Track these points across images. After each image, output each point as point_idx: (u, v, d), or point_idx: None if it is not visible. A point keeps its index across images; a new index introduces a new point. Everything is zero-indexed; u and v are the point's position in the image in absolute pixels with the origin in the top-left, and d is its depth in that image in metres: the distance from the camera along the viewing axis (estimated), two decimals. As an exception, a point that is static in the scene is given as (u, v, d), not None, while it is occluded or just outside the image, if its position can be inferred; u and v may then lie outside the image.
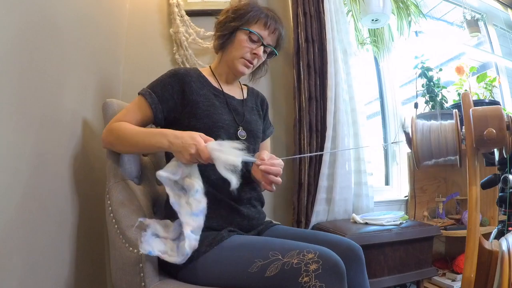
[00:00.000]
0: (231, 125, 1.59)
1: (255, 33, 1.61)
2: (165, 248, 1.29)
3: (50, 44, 1.43)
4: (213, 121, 1.53)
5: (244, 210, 1.54)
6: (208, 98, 1.59)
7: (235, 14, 1.63)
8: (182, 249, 1.24)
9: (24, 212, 1.23)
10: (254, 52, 1.63)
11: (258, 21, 1.63)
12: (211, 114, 1.54)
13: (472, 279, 1.21)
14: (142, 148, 1.47)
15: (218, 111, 1.57)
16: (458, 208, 2.99)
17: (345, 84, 2.70)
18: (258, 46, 1.64)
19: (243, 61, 1.64)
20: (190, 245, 1.24)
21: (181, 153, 1.31)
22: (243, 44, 1.62)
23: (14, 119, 1.18)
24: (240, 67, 1.66)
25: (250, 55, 1.64)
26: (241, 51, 1.63)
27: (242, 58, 1.64)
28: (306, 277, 1.10)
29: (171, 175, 1.32)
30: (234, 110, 1.66)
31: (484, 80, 2.98)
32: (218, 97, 1.64)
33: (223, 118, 1.57)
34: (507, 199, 1.51)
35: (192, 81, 1.58)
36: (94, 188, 1.80)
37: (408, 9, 3.20)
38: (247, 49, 1.63)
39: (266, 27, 1.64)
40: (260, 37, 1.63)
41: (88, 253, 1.75)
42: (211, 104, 1.57)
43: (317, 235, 1.53)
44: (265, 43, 1.65)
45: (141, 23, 2.59)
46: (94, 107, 1.83)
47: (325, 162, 2.51)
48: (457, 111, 1.34)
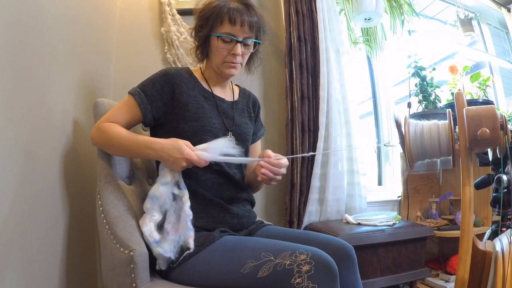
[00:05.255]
0: (219, 129, 1.57)
1: (222, 36, 1.53)
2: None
3: (39, 43, 1.41)
4: (201, 124, 1.52)
5: (234, 208, 1.54)
6: (198, 100, 1.57)
7: (201, 21, 1.57)
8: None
9: (13, 212, 1.21)
10: (232, 52, 1.55)
11: (222, 20, 1.52)
12: (199, 117, 1.52)
13: (465, 280, 1.20)
14: (130, 155, 1.53)
15: (207, 114, 1.55)
16: (451, 208, 2.99)
17: (338, 83, 2.69)
18: (233, 45, 1.55)
19: (227, 65, 1.58)
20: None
21: (172, 166, 1.37)
22: (218, 49, 1.55)
23: (3, 119, 1.16)
24: (226, 70, 1.60)
25: (230, 56, 1.57)
26: (220, 56, 1.57)
27: (225, 62, 1.58)
28: (299, 278, 1.11)
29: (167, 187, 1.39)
30: (224, 113, 1.64)
31: (477, 80, 2.98)
32: (208, 99, 1.61)
33: (211, 121, 1.55)
34: (501, 200, 1.50)
35: (182, 82, 1.56)
36: (84, 188, 1.79)
37: (401, 8, 3.20)
38: (225, 51, 1.55)
39: (233, 23, 1.52)
40: (230, 36, 1.53)
41: (79, 254, 1.73)
42: (200, 106, 1.55)
43: (309, 236, 1.53)
44: (239, 40, 1.55)
45: (132, 22, 2.57)
46: (84, 107, 1.82)
47: (317, 162, 2.50)
48: (451, 111, 1.33)
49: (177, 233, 1.33)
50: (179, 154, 1.33)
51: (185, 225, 1.33)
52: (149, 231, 1.31)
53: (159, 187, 1.37)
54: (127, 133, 1.46)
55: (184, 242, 1.31)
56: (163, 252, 1.28)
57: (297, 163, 2.47)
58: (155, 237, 1.31)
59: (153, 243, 1.29)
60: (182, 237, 1.32)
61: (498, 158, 1.35)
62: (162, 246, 1.29)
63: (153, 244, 1.29)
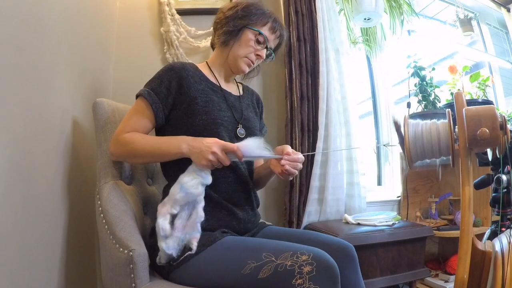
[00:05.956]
0: (230, 121, 1.57)
1: (263, 34, 1.62)
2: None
3: (39, 43, 1.41)
4: (212, 117, 1.50)
5: (240, 213, 1.52)
6: (206, 93, 1.56)
7: (244, 12, 1.62)
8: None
9: (12, 212, 1.21)
10: (258, 53, 1.63)
11: (267, 23, 1.64)
12: (209, 111, 1.51)
13: (465, 280, 1.20)
14: (157, 157, 1.49)
15: (217, 107, 1.55)
16: (451, 208, 2.99)
17: (337, 83, 2.68)
18: (262, 48, 1.65)
19: (247, 61, 1.64)
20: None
21: (199, 157, 1.33)
22: (249, 44, 1.61)
23: (2, 118, 1.16)
24: (243, 65, 1.65)
25: (254, 55, 1.64)
26: (246, 50, 1.62)
27: (246, 57, 1.63)
28: (300, 279, 1.10)
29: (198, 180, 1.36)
30: (232, 106, 1.64)
31: (477, 80, 2.98)
32: (216, 92, 1.61)
33: (222, 114, 1.54)
34: (500, 200, 1.50)
35: (189, 75, 1.54)
36: (84, 188, 1.79)
37: (401, 8, 3.19)
38: (252, 49, 1.62)
39: (273, 31, 1.66)
40: (267, 39, 1.63)
41: (78, 254, 1.73)
42: (210, 99, 1.54)
43: (310, 236, 1.53)
44: (269, 47, 1.66)
45: (131, 22, 2.57)
46: (84, 107, 1.82)
47: (317, 162, 2.50)
48: (450, 111, 1.33)
49: (183, 231, 1.30)
50: (212, 140, 1.34)
51: (194, 226, 1.31)
52: (163, 223, 1.27)
53: (193, 179, 1.33)
54: (150, 136, 1.47)
55: (188, 242, 1.30)
56: (166, 248, 1.26)
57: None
58: (166, 231, 1.27)
59: (163, 236, 1.27)
60: (188, 236, 1.30)
61: (497, 158, 1.35)
62: (167, 242, 1.27)
63: (161, 237, 1.27)
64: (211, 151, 1.30)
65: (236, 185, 1.54)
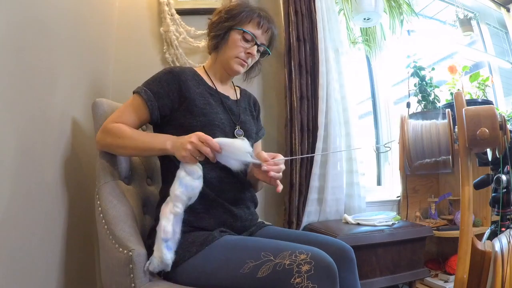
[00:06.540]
0: (227, 124, 1.59)
1: (248, 32, 1.63)
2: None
3: (38, 43, 1.41)
4: (209, 119, 1.53)
5: (237, 212, 1.53)
6: (204, 96, 1.58)
7: (228, 14, 1.65)
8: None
9: (11, 212, 1.20)
10: (248, 51, 1.65)
11: (251, 20, 1.64)
12: (207, 113, 1.54)
13: (464, 280, 1.20)
14: (141, 150, 1.47)
15: (214, 110, 1.57)
16: (450, 208, 2.99)
17: (337, 83, 2.68)
18: (252, 45, 1.65)
19: (238, 61, 1.66)
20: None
21: (179, 149, 1.33)
22: (237, 44, 1.63)
23: (2, 118, 1.16)
24: (235, 66, 1.66)
25: (244, 54, 1.65)
26: (235, 51, 1.64)
27: (237, 57, 1.65)
28: (298, 278, 1.10)
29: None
30: (229, 109, 1.66)
31: (477, 80, 2.98)
32: (213, 96, 1.64)
33: (219, 117, 1.57)
34: (500, 200, 1.50)
35: (188, 79, 1.57)
36: (83, 188, 1.78)
37: (400, 8, 3.19)
38: (241, 48, 1.64)
39: (259, 27, 1.66)
40: (253, 36, 1.64)
41: (77, 254, 1.72)
42: (207, 102, 1.57)
43: (309, 236, 1.53)
44: (258, 43, 1.66)
45: (130, 22, 2.56)
46: (83, 107, 1.82)
47: (316, 162, 2.49)
48: (450, 111, 1.33)
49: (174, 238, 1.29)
50: (193, 133, 1.34)
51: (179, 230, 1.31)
52: (165, 226, 1.26)
53: (187, 175, 1.32)
54: (137, 131, 1.48)
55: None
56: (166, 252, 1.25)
57: (296, 163, 2.46)
58: (168, 234, 1.25)
59: (163, 240, 1.25)
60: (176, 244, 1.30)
61: (497, 158, 1.35)
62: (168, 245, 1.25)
63: (161, 241, 1.25)
64: (189, 141, 1.31)
65: (232, 185, 1.55)
